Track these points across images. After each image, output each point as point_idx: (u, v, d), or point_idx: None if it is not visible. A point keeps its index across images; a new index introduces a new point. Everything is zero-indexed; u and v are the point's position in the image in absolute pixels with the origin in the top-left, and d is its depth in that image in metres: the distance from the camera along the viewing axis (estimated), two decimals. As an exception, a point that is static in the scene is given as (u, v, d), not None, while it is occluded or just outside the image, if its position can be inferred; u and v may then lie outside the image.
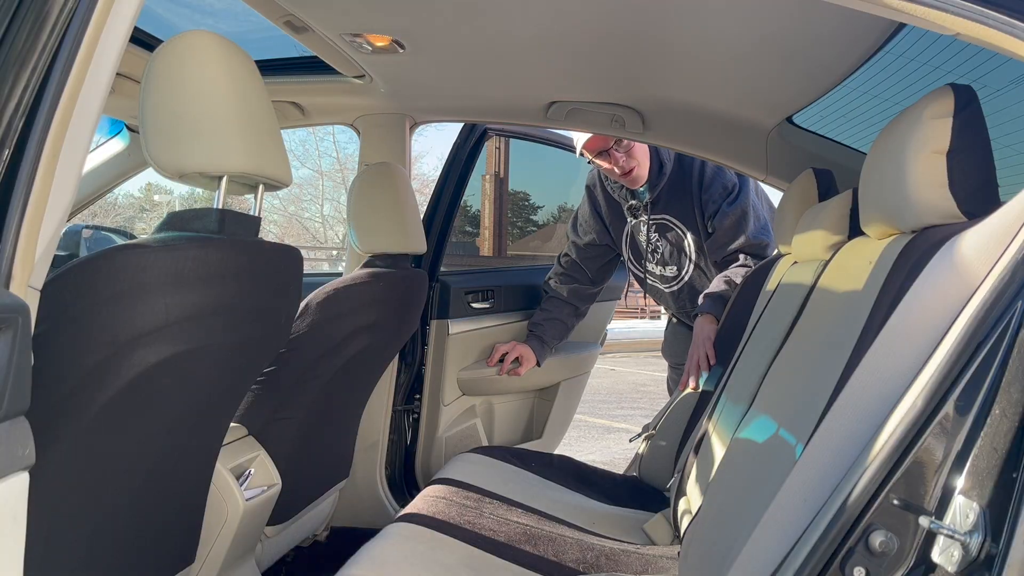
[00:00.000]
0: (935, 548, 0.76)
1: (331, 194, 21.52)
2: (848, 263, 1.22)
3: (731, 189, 2.28)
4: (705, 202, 2.29)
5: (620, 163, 2.26)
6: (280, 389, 1.63)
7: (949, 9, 0.84)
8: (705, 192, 2.28)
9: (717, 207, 2.27)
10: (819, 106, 1.81)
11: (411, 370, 2.34)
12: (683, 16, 1.42)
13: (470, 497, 1.62)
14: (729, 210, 2.26)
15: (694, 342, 2.18)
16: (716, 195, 2.27)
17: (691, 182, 2.30)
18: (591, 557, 1.45)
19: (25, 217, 0.69)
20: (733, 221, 2.26)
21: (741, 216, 2.27)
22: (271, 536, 1.72)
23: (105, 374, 0.94)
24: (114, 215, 20.17)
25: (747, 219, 2.27)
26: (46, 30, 0.70)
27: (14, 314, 0.65)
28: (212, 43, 1.04)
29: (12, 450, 0.65)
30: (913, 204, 0.96)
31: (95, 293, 0.92)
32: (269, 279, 1.20)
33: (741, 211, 2.27)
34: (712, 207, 2.28)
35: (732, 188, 2.28)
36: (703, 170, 2.30)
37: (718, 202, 2.27)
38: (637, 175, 2.29)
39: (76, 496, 0.99)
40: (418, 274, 2.04)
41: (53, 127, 0.71)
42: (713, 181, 2.28)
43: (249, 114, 1.06)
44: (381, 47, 1.67)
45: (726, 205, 2.27)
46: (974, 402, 0.77)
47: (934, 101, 0.96)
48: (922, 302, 0.84)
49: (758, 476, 1.13)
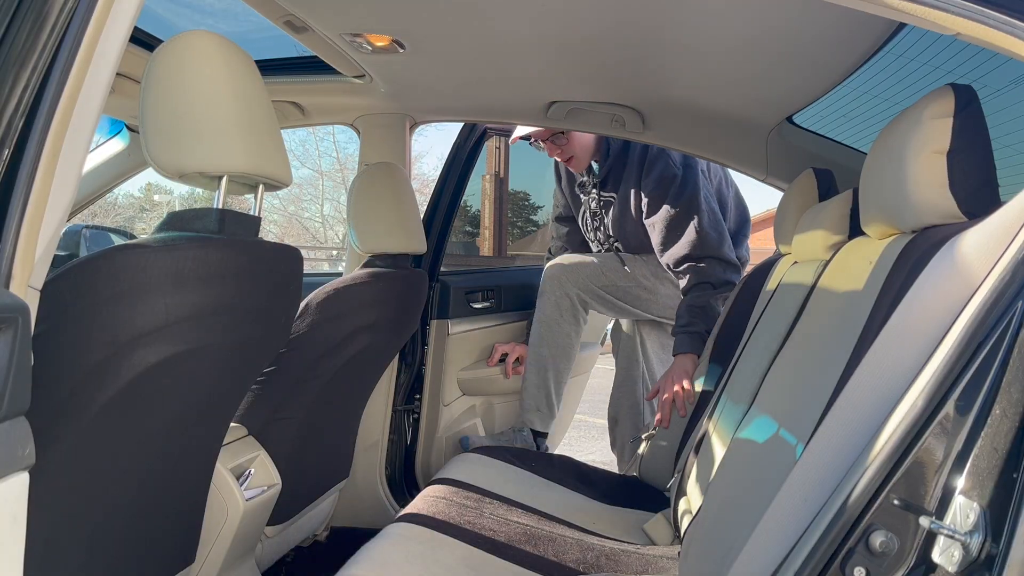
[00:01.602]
0: (935, 548, 0.76)
1: (331, 194, 21.54)
2: (848, 263, 1.22)
3: (671, 181, 2.20)
4: (645, 187, 2.25)
5: (556, 154, 2.35)
6: (280, 389, 1.63)
7: (949, 9, 0.84)
8: (646, 177, 2.25)
9: (657, 202, 2.22)
10: (819, 106, 1.82)
11: (411, 370, 2.34)
12: (683, 16, 1.41)
13: (470, 497, 1.62)
14: (670, 206, 2.20)
15: (669, 376, 2.11)
16: (654, 183, 2.22)
17: (633, 166, 2.29)
18: (591, 557, 1.45)
19: (25, 217, 0.69)
20: (672, 219, 2.19)
21: (683, 214, 2.18)
22: (271, 536, 1.72)
23: (105, 374, 0.94)
24: (114, 215, 20.17)
25: (689, 218, 2.18)
26: (46, 30, 0.70)
27: (14, 314, 0.65)
28: (212, 43, 1.04)
29: (12, 450, 0.65)
30: (913, 204, 0.96)
31: (95, 293, 0.92)
32: (269, 279, 1.20)
33: (684, 209, 2.19)
34: (651, 200, 2.24)
35: (672, 180, 2.20)
36: (644, 153, 2.26)
37: (658, 194, 2.22)
38: (577, 161, 2.36)
39: (76, 496, 0.99)
40: (418, 274, 2.04)
41: (53, 127, 0.71)
42: (653, 167, 2.23)
43: (249, 114, 1.06)
44: (381, 47, 1.67)
45: (669, 200, 2.20)
46: (974, 402, 0.77)
47: (934, 101, 0.96)
48: (922, 302, 0.84)
49: (758, 476, 1.13)
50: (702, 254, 2.19)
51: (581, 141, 2.33)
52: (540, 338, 2.39)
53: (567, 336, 2.38)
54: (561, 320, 2.37)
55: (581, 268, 2.40)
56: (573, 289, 2.37)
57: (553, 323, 2.37)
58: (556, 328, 2.37)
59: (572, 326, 2.38)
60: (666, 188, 2.20)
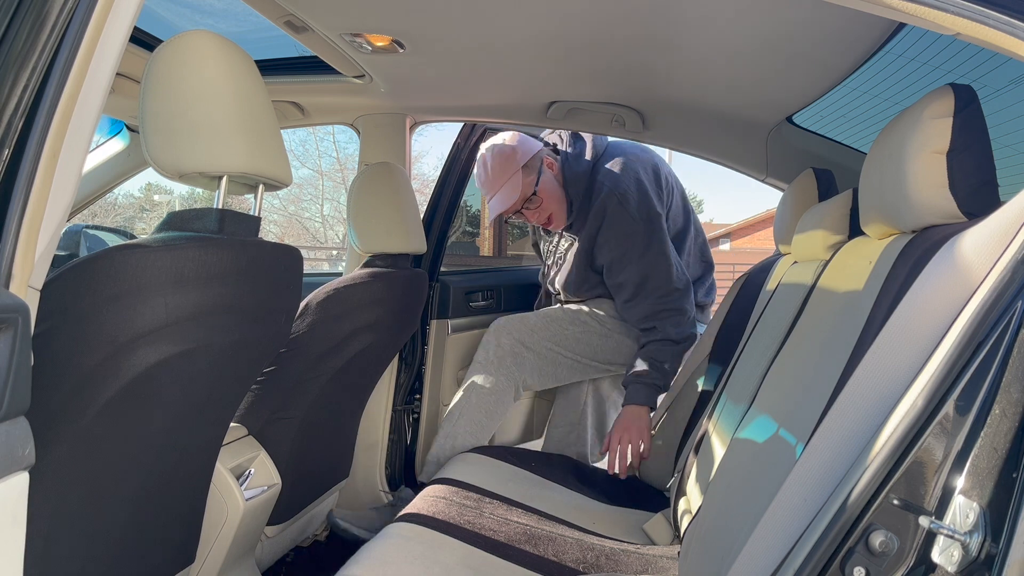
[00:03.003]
0: (935, 548, 0.76)
1: (331, 194, 21.54)
2: (848, 263, 1.22)
3: (632, 238, 2.10)
4: (606, 243, 2.15)
5: (534, 219, 2.23)
6: (280, 389, 1.63)
7: (949, 9, 0.84)
8: (607, 230, 2.13)
9: (621, 263, 2.12)
10: (819, 106, 1.82)
11: (411, 370, 2.34)
12: (683, 16, 1.42)
13: (470, 497, 1.62)
14: (634, 266, 2.10)
15: (621, 426, 2.01)
16: (616, 242, 2.12)
17: (594, 217, 2.15)
18: (591, 557, 1.45)
19: (25, 217, 0.69)
20: (636, 279, 2.10)
21: (647, 272, 2.10)
22: (271, 536, 1.72)
23: (105, 374, 0.94)
24: (114, 215, 20.18)
25: (654, 275, 2.10)
26: (46, 30, 0.70)
27: (14, 314, 0.65)
28: (212, 43, 1.04)
29: (12, 450, 0.65)
30: (913, 204, 0.96)
31: (95, 293, 0.92)
32: (269, 279, 1.20)
33: (648, 266, 2.10)
34: (614, 261, 2.14)
35: (634, 237, 2.10)
36: (604, 207, 2.11)
37: (619, 254, 2.12)
38: (557, 218, 2.23)
39: (76, 496, 0.99)
40: (418, 274, 2.04)
41: (53, 127, 0.71)
42: (613, 224, 2.11)
43: (249, 114, 1.06)
44: (381, 47, 1.67)
45: (632, 259, 2.10)
46: (974, 402, 0.77)
47: (934, 101, 0.96)
48: (922, 302, 0.84)
49: (758, 476, 1.13)
50: (666, 308, 2.11)
51: (552, 195, 2.19)
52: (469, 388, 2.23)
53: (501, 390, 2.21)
54: (498, 371, 2.21)
55: (525, 320, 2.28)
56: (507, 340, 2.24)
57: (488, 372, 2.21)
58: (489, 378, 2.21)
59: (507, 381, 2.22)
60: (628, 247, 2.11)
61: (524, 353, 2.23)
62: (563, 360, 2.28)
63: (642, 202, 2.12)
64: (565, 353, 2.27)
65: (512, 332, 2.24)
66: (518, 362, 2.22)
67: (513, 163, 2.15)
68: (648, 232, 2.11)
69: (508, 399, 2.22)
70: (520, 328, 2.26)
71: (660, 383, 2.06)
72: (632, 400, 2.05)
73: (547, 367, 2.27)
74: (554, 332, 2.27)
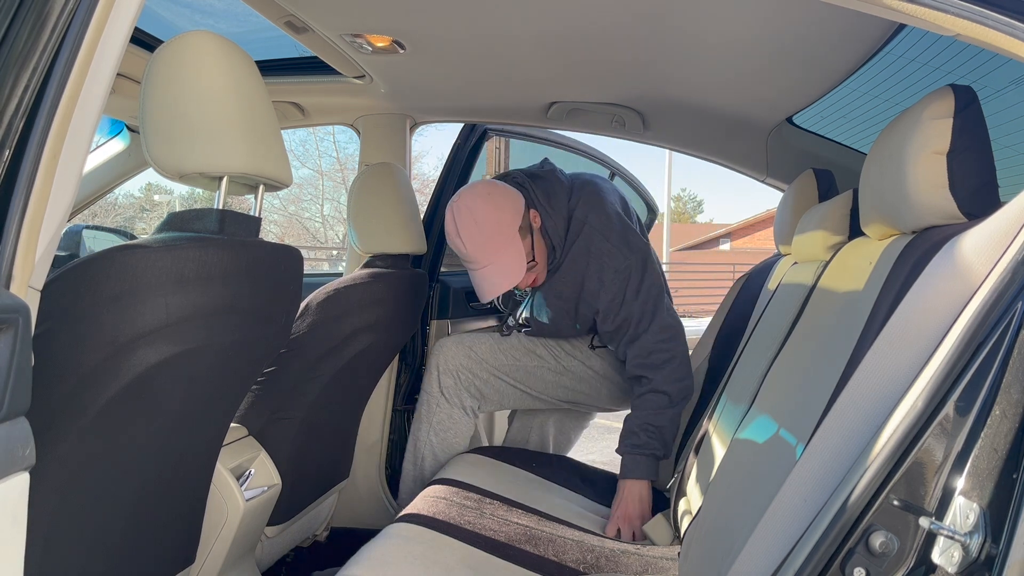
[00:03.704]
0: (935, 549, 0.76)
1: (331, 194, 21.55)
2: (848, 263, 1.22)
3: (627, 274, 1.88)
4: (598, 286, 1.91)
5: (529, 282, 1.97)
6: (280, 389, 1.63)
7: (949, 10, 0.84)
8: (598, 273, 1.90)
9: (617, 306, 1.89)
10: (819, 106, 1.82)
11: (411, 370, 2.34)
12: (683, 16, 1.42)
13: (470, 497, 1.62)
14: (632, 304, 1.88)
15: (622, 511, 1.75)
16: (611, 280, 1.89)
17: (580, 257, 1.92)
18: (591, 558, 1.45)
19: (26, 218, 0.69)
20: (633, 318, 1.88)
21: (643, 311, 1.88)
22: (271, 536, 1.72)
23: (105, 374, 0.94)
24: (114, 215, 20.19)
25: (653, 314, 1.88)
26: (47, 31, 0.70)
27: (15, 315, 0.65)
28: (213, 43, 1.04)
29: (12, 451, 0.65)
30: (913, 205, 0.96)
31: (95, 293, 0.92)
32: (269, 279, 1.20)
33: (644, 304, 1.88)
34: (610, 305, 1.90)
35: (628, 272, 1.88)
36: (588, 248, 1.89)
37: (612, 295, 1.89)
38: (541, 275, 1.98)
39: (76, 496, 0.99)
40: (418, 275, 2.04)
41: (54, 128, 0.71)
42: (603, 265, 1.88)
43: (250, 114, 1.06)
44: (381, 48, 1.67)
45: (628, 297, 1.88)
46: (974, 403, 0.77)
47: (934, 102, 0.96)
48: (922, 303, 0.84)
49: (758, 476, 1.13)
50: (660, 350, 1.86)
51: (541, 252, 1.95)
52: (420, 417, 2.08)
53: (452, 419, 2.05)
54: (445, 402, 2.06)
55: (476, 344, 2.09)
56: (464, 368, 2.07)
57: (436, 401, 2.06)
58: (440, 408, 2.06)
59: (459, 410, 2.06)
60: (624, 285, 1.88)
61: (473, 381, 2.05)
62: (512, 391, 2.09)
63: (628, 232, 1.91)
64: (516, 385, 2.09)
65: (458, 359, 2.05)
66: (466, 389, 2.05)
67: (510, 228, 1.87)
68: (642, 265, 1.89)
69: (463, 426, 2.06)
70: (467, 357, 2.06)
71: (660, 453, 1.81)
72: (631, 474, 1.80)
73: (494, 395, 2.08)
74: (504, 362, 2.07)
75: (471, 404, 2.06)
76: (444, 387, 2.05)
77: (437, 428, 2.05)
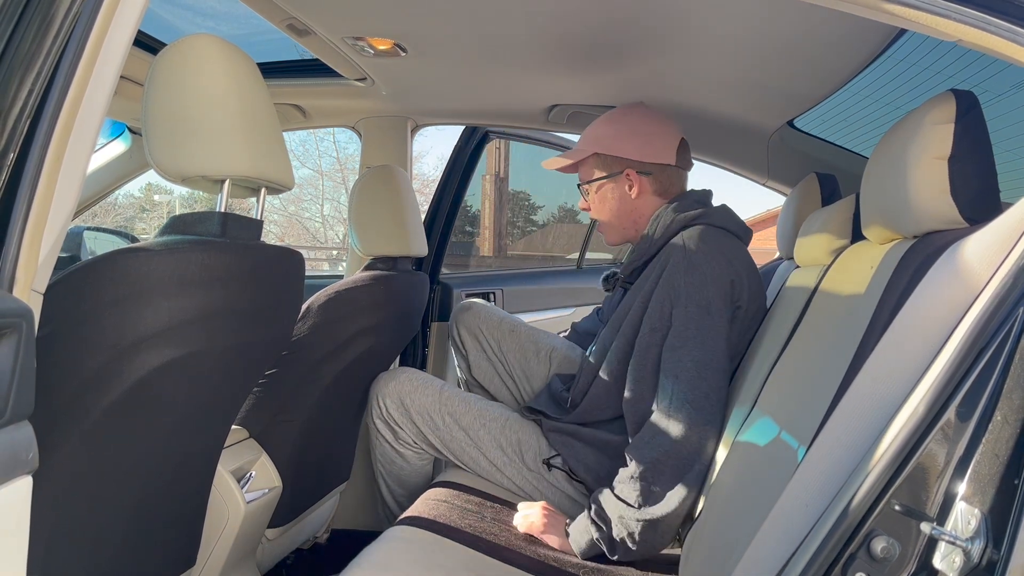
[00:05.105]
0: (937, 554, 0.76)
1: (331, 194, 21.55)
2: (850, 268, 1.22)
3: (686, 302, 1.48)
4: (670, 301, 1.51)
5: (582, 204, 1.82)
6: (282, 392, 1.63)
7: (950, 15, 0.84)
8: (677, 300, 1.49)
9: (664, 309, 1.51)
10: (821, 110, 1.82)
11: (412, 372, 2.34)
12: (684, 20, 1.42)
13: (471, 500, 1.62)
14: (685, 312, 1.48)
15: (535, 528, 1.48)
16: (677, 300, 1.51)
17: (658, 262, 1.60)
18: (591, 562, 1.44)
19: (29, 221, 0.69)
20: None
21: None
22: (272, 538, 1.72)
23: (108, 377, 0.95)
24: (114, 215, 20.19)
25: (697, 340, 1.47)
26: (51, 34, 0.70)
27: (18, 318, 0.65)
28: (214, 46, 1.04)
29: (16, 454, 0.65)
30: (914, 209, 0.96)
31: (98, 297, 0.92)
32: (271, 282, 1.20)
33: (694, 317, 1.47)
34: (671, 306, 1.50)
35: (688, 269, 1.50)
36: (686, 274, 1.50)
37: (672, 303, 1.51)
38: (606, 228, 1.80)
39: (78, 499, 0.99)
40: (419, 277, 2.04)
41: (57, 131, 0.71)
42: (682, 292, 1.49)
43: (252, 117, 1.06)
44: (383, 50, 1.67)
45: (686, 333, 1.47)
46: (976, 408, 0.77)
47: (936, 106, 0.96)
48: (924, 308, 0.84)
49: (760, 480, 1.13)
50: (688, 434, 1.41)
51: (606, 205, 1.75)
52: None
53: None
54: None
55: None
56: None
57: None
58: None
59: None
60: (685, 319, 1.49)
61: (416, 418, 1.82)
62: (461, 439, 1.81)
63: (704, 284, 1.49)
64: (463, 434, 1.81)
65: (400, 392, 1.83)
66: (410, 426, 1.84)
67: (596, 143, 1.73)
68: (700, 317, 1.48)
69: (420, 465, 1.91)
70: (425, 393, 1.83)
71: (612, 553, 1.41)
72: (572, 541, 1.46)
73: (443, 437, 1.82)
74: (457, 408, 1.82)
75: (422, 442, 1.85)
76: (394, 429, 1.85)
77: (393, 475, 1.92)
